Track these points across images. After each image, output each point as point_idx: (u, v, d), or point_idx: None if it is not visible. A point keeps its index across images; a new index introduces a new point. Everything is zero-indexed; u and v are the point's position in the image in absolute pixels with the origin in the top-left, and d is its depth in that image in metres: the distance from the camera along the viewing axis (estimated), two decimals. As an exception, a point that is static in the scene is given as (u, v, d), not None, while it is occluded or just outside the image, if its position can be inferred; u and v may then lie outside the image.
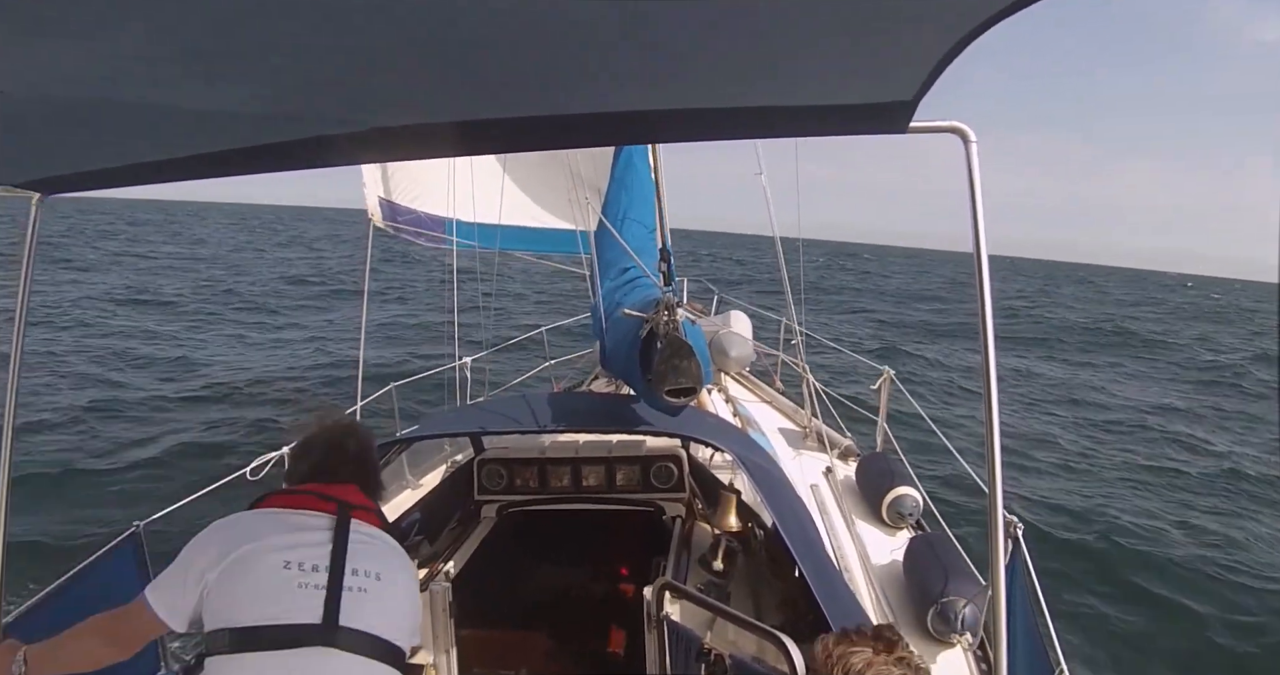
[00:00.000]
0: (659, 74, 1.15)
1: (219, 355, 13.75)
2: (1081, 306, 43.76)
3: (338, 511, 1.54)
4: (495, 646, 3.10)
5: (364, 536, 1.54)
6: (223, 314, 18.74)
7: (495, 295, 6.21)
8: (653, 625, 2.39)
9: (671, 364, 2.35)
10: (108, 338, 14.74)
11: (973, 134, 1.27)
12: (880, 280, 53.48)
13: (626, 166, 3.97)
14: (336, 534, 1.50)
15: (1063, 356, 21.67)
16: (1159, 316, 42.65)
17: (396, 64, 1.12)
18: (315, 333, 16.52)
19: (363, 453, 1.72)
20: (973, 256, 1.32)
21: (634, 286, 3.25)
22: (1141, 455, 11.27)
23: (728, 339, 5.12)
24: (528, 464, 3.57)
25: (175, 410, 10.10)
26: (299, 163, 1.47)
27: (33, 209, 1.73)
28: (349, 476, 1.65)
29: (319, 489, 1.59)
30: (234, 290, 23.03)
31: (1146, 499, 9.28)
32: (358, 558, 1.49)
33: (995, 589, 1.37)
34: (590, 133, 1.44)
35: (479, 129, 1.37)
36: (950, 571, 2.73)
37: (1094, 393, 16.25)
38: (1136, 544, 7.75)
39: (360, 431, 1.77)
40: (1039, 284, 72.40)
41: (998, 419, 1.30)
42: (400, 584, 1.57)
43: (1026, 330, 26.39)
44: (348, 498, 1.59)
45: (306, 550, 1.46)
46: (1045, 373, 18.27)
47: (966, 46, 0.98)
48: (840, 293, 37.63)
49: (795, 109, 1.22)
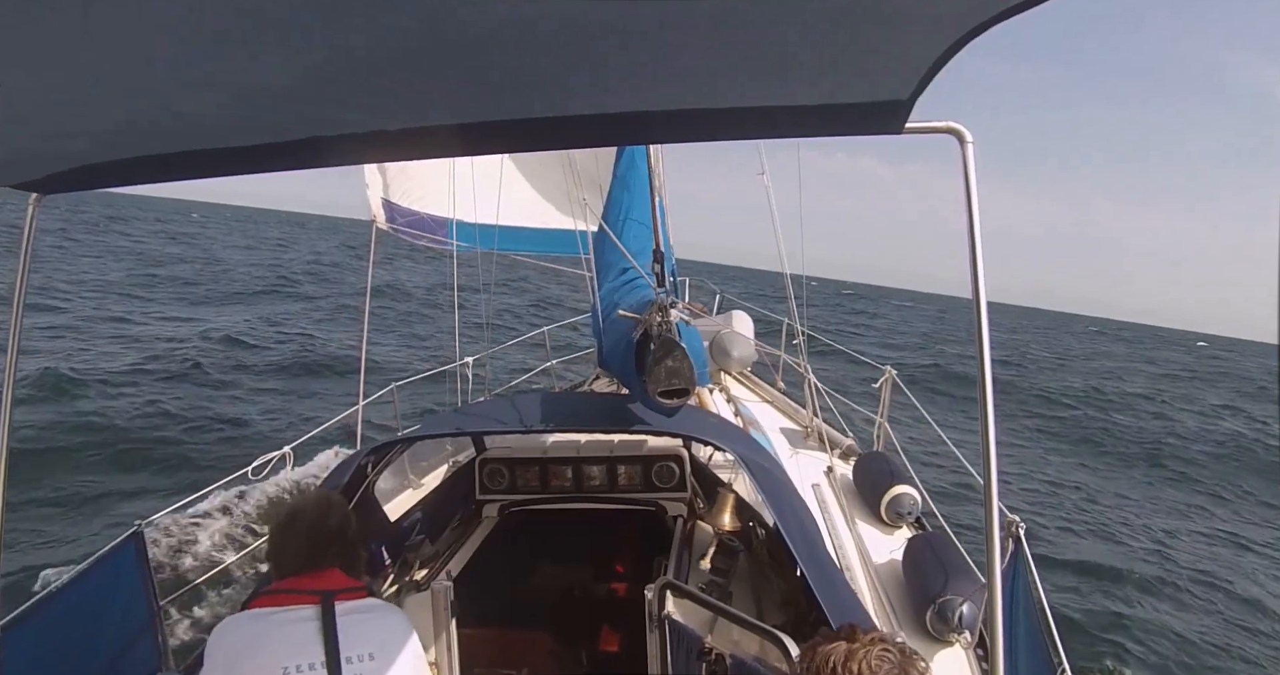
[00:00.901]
0: (653, 75, 1.16)
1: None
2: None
3: (321, 603, 1.59)
4: (497, 646, 3.11)
5: (352, 620, 1.60)
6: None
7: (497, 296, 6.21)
8: (654, 625, 2.39)
9: (665, 365, 2.36)
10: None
11: (969, 134, 1.27)
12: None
13: (629, 166, 3.97)
14: (325, 627, 1.56)
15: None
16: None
17: (395, 64, 1.13)
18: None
19: (344, 526, 1.75)
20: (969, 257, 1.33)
21: (632, 287, 3.26)
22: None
23: (729, 339, 5.12)
24: (529, 463, 3.58)
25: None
26: (295, 163, 1.48)
27: (30, 208, 1.74)
28: (335, 557, 1.69)
29: (300, 585, 1.63)
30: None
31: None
32: (350, 645, 1.56)
33: (991, 587, 1.37)
34: (586, 134, 1.44)
35: (477, 130, 1.38)
36: (949, 571, 2.73)
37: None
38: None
39: (337, 503, 1.81)
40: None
41: (993, 419, 1.30)
42: (395, 652, 1.63)
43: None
44: (330, 585, 1.63)
45: (301, 650, 1.52)
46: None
47: (963, 47, 0.98)
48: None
49: (790, 109, 1.22)
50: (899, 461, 3.90)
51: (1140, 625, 6.43)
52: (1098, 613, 6.53)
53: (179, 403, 10.12)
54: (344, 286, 24.60)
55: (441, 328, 6.58)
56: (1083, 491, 11.07)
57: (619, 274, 3.51)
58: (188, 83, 1.16)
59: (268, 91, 1.22)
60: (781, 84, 1.18)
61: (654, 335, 2.47)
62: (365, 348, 5.03)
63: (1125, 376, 32.17)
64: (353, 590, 1.66)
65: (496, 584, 3.25)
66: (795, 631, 2.03)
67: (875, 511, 3.62)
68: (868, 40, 1.02)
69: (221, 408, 10.22)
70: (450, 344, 5.68)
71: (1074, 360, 38.41)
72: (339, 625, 1.57)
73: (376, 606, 1.69)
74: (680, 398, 2.48)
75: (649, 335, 2.54)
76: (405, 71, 1.16)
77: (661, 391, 2.43)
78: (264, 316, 17.51)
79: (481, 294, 5.91)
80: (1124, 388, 26.24)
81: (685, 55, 1.07)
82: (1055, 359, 37.27)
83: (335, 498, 1.88)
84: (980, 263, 1.30)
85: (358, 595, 1.66)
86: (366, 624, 1.62)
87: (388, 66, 1.13)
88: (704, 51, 1.06)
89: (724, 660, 2.15)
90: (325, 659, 1.52)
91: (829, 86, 1.17)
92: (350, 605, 1.62)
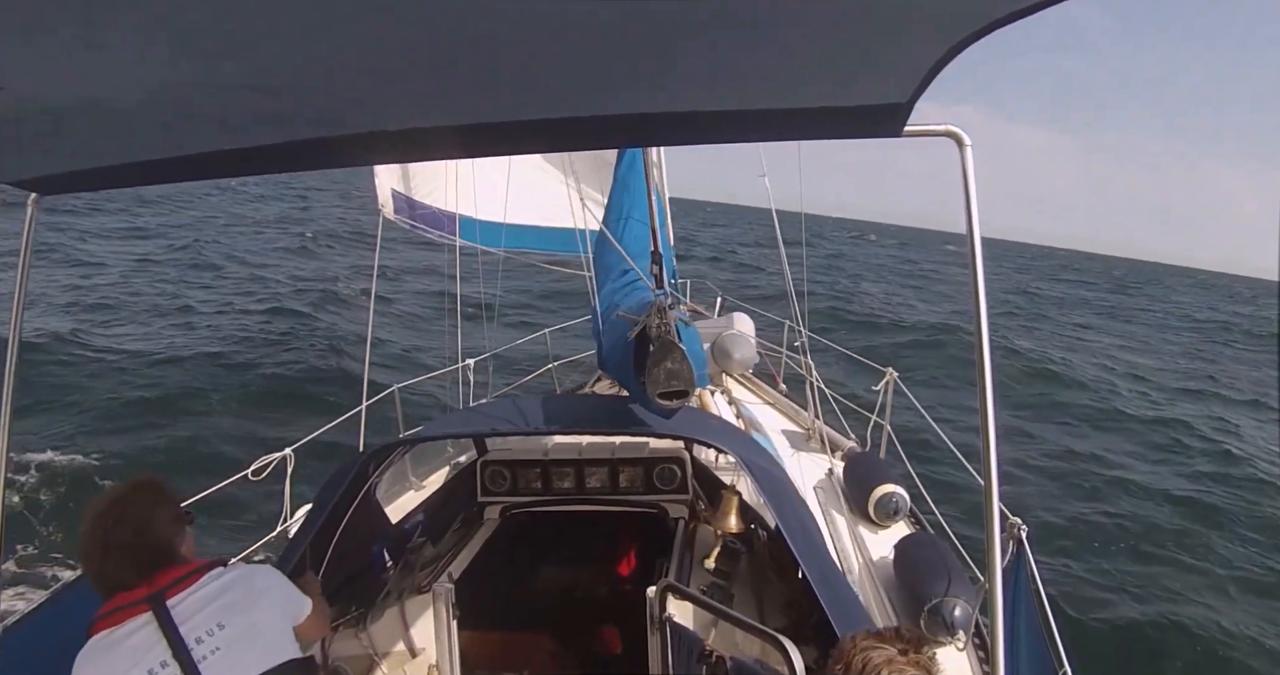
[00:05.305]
0: (654, 78, 1.16)
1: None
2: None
3: (151, 606, 1.55)
4: (498, 647, 3.11)
5: (186, 607, 1.56)
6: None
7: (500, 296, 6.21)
8: (655, 627, 2.39)
9: (663, 367, 2.35)
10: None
11: (967, 138, 1.28)
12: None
13: (630, 168, 3.97)
14: (162, 624, 1.53)
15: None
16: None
17: (397, 67, 1.13)
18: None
19: (159, 525, 1.64)
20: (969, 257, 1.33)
21: (632, 289, 3.25)
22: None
23: (731, 340, 5.12)
24: (531, 466, 3.58)
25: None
26: (296, 164, 1.48)
27: (29, 208, 1.74)
28: (160, 561, 1.61)
29: (129, 598, 1.57)
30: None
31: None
32: (193, 628, 1.54)
33: (991, 588, 1.38)
34: (586, 136, 1.44)
35: (478, 132, 1.38)
36: (940, 572, 2.73)
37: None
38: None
39: (144, 504, 1.65)
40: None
41: (994, 419, 1.30)
42: (250, 608, 1.61)
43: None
44: (158, 585, 1.58)
45: (148, 654, 1.50)
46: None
47: (960, 52, 0.98)
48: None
49: (790, 112, 1.23)
50: (885, 460, 3.90)
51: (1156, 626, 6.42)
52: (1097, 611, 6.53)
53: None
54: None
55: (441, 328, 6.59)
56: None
57: (620, 275, 3.51)
58: (189, 85, 1.16)
59: (269, 94, 1.22)
60: (781, 87, 1.18)
61: (653, 337, 2.47)
62: (369, 346, 5.04)
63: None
64: (183, 579, 1.60)
65: (498, 586, 3.25)
66: (797, 634, 2.03)
67: (864, 511, 3.63)
68: (866, 44, 1.02)
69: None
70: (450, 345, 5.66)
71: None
72: (175, 615, 1.54)
73: (214, 577, 1.63)
74: (680, 399, 2.48)
75: (648, 337, 2.54)
76: (407, 74, 1.16)
77: (661, 393, 2.42)
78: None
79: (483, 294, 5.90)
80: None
81: (685, 59, 1.08)
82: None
83: (140, 497, 1.67)
84: (980, 262, 1.30)
85: (189, 582, 1.60)
86: (204, 598, 1.58)
87: (390, 69, 1.14)
88: (704, 55, 1.06)
89: (725, 662, 2.15)
90: (172, 651, 1.50)
91: (828, 90, 1.18)
92: (181, 596, 1.58)
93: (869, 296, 26.29)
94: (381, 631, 2.71)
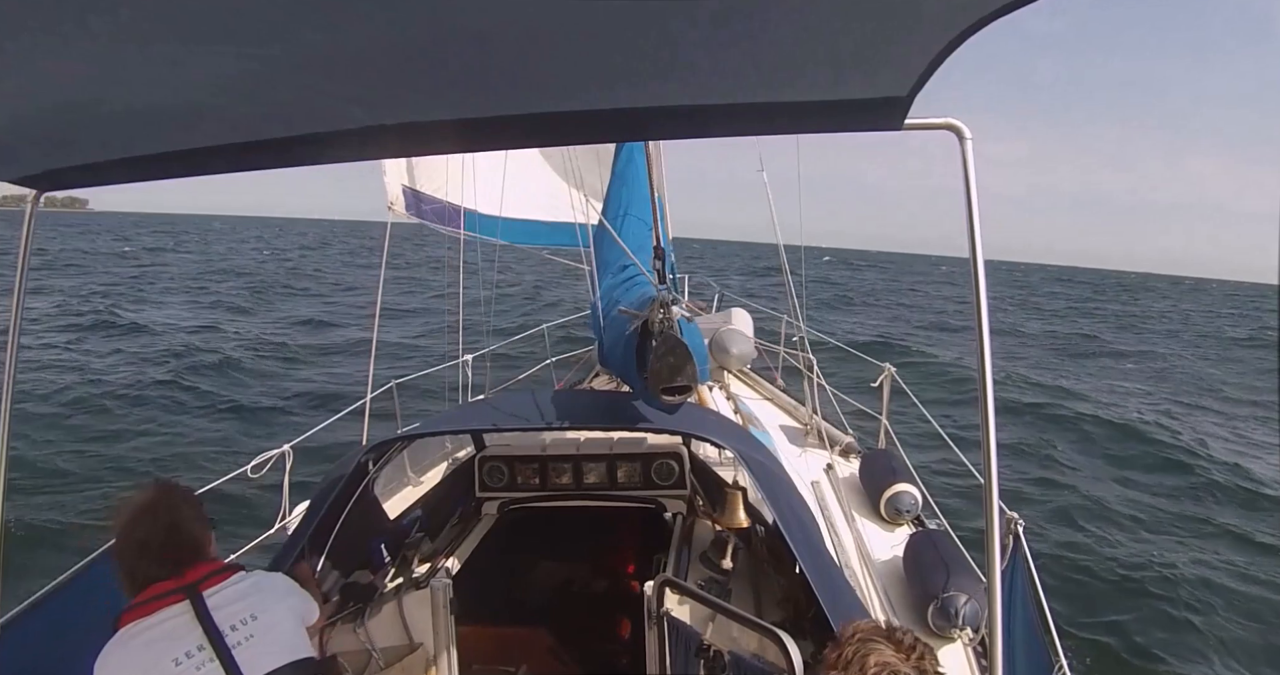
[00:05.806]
0: (653, 71, 1.15)
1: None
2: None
3: (187, 596, 1.62)
4: (496, 643, 3.11)
5: (222, 598, 1.64)
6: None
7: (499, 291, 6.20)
8: (652, 621, 2.39)
9: (666, 362, 2.35)
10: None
11: (968, 131, 1.27)
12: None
13: (628, 162, 3.96)
14: (198, 612, 1.60)
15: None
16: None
17: (394, 61, 1.12)
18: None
19: (191, 523, 1.71)
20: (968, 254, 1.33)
21: (633, 284, 3.25)
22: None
23: (729, 336, 5.12)
24: (529, 461, 3.58)
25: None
26: (295, 159, 1.47)
27: (29, 205, 1.74)
28: (191, 558, 1.68)
29: (162, 589, 1.63)
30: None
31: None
32: (227, 617, 1.61)
33: (991, 585, 1.38)
34: (585, 130, 1.44)
35: (476, 126, 1.37)
36: (951, 568, 2.74)
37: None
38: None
39: (175, 503, 1.72)
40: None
41: (993, 416, 1.30)
42: (275, 606, 1.71)
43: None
44: (193, 578, 1.65)
45: (182, 641, 1.56)
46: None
47: (961, 44, 0.98)
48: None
49: (789, 105, 1.22)
50: (901, 460, 3.91)
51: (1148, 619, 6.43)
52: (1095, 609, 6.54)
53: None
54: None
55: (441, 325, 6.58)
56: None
57: (620, 271, 3.50)
58: (187, 81, 1.15)
59: (268, 89, 1.22)
60: (781, 80, 1.18)
61: (656, 332, 2.47)
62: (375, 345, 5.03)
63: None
64: (215, 574, 1.68)
65: (496, 581, 3.25)
66: (794, 628, 2.04)
67: (875, 508, 3.64)
68: (867, 37, 1.02)
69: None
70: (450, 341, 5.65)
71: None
72: (210, 605, 1.61)
73: (243, 577, 1.71)
74: (682, 395, 2.47)
75: (650, 332, 2.54)
76: (405, 68, 1.16)
77: (663, 389, 2.42)
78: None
79: (483, 290, 5.89)
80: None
81: (684, 52, 1.07)
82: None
83: (172, 497, 1.75)
84: (980, 260, 1.30)
85: (223, 577, 1.68)
86: (236, 594, 1.66)
87: (388, 64, 1.13)
88: (703, 48, 1.05)
89: (722, 657, 2.16)
90: (207, 637, 1.56)
91: (828, 83, 1.17)
92: (218, 587, 1.65)
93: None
94: (379, 626, 2.71)
